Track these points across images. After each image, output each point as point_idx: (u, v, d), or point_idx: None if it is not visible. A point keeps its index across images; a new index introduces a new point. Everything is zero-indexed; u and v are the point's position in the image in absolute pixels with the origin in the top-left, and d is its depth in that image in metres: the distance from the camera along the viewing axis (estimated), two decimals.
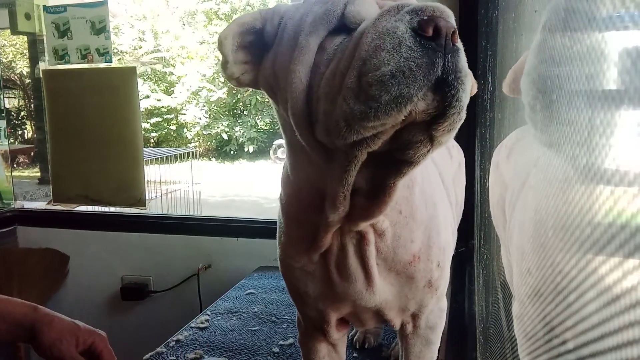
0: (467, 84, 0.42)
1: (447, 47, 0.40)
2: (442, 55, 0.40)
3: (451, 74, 0.41)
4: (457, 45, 0.41)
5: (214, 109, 10.76)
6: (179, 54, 10.84)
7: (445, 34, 0.40)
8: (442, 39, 0.40)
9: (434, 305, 0.66)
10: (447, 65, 0.41)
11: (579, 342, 0.34)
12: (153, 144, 10.53)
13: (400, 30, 0.40)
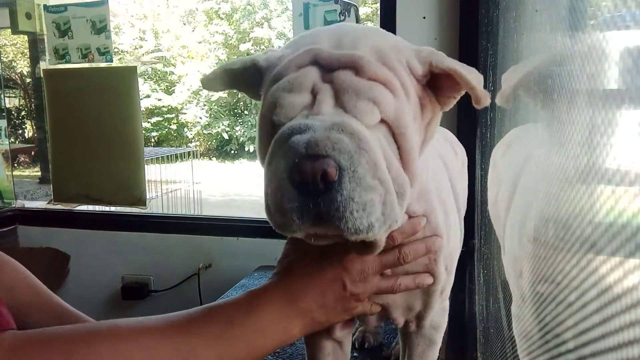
0: (357, 212, 0.41)
1: (317, 191, 0.41)
2: (313, 199, 0.41)
3: (328, 213, 0.41)
4: (332, 184, 0.40)
5: (215, 109, 10.76)
6: (180, 53, 10.85)
7: (310, 178, 0.40)
8: (308, 184, 0.40)
9: (437, 306, 0.66)
10: (324, 206, 0.41)
11: (579, 342, 0.34)
12: (154, 144, 10.53)
13: (282, 169, 0.42)
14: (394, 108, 0.45)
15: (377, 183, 0.42)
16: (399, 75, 0.46)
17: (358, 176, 0.41)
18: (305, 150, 0.41)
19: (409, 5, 1.44)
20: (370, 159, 0.42)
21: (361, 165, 0.42)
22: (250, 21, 10.83)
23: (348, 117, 0.43)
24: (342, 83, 0.44)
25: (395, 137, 0.46)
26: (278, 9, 10.75)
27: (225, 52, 10.94)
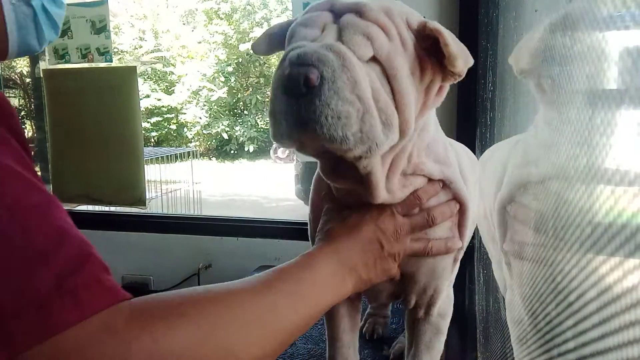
0: (332, 119, 0.46)
1: (299, 94, 0.46)
2: (296, 102, 0.46)
3: (308, 116, 0.46)
4: (313, 89, 0.46)
5: (214, 109, 10.76)
6: (179, 53, 10.85)
7: (295, 81, 0.46)
8: (294, 88, 0.46)
9: (445, 292, 0.68)
10: (304, 109, 0.46)
11: (579, 341, 0.34)
12: (153, 144, 10.53)
13: (276, 80, 0.48)
14: (387, 49, 0.50)
15: (355, 99, 0.47)
16: (397, 26, 0.51)
17: (337, 87, 0.46)
18: (295, 60, 0.46)
19: (408, 5, 1.44)
20: (351, 76, 0.47)
21: (341, 79, 0.46)
22: (250, 21, 10.83)
23: (341, 45, 0.49)
24: (345, 22, 0.50)
25: (389, 78, 0.50)
26: (278, 9, 10.75)
27: (225, 52, 10.94)
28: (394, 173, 0.57)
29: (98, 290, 0.41)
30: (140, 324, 0.40)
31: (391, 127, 0.50)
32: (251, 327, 0.46)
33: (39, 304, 0.37)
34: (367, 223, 0.60)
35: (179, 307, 0.44)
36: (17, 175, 0.41)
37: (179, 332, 0.41)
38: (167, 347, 0.40)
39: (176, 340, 0.41)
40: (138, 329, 0.40)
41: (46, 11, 0.65)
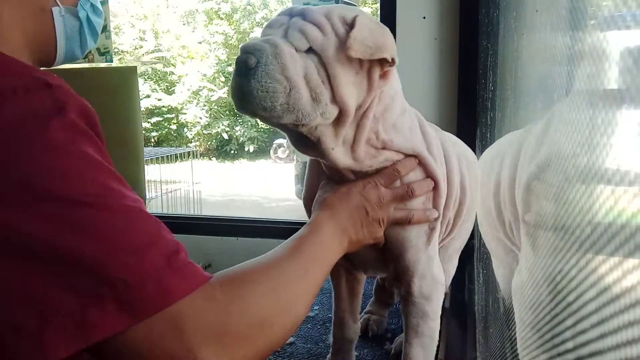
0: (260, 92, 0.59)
1: (240, 73, 0.60)
2: (239, 80, 0.60)
3: (247, 89, 0.60)
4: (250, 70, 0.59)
5: (215, 109, 10.77)
6: (180, 53, 10.85)
7: (240, 64, 0.60)
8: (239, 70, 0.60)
9: (424, 269, 0.75)
10: (244, 85, 0.60)
11: (578, 341, 0.34)
12: (153, 144, 10.54)
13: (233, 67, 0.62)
14: (320, 42, 0.62)
15: (284, 79, 0.60)
16: (333, 24, 0.63)
17: (268, 69, 0.59)
18: (242, 49, 0.60)
19: (409, 5, 1.44)
20: (281, 62, 0.60)
21: (272, 63, 0.59)
22: (250, 21, 10.83)
23: (281, 40, 0.62)
24: (291, 22, 0.64)
25: (324, 65, 0.62)
26: (278, 9, 10.75)
27: (225, 52, 10.94)
28: (357, 144, 0.68)
29: (194, 269, 0.50)
30: (230, 292, 0.52)
31: (320, 102, 0.62)
32: (297, 286, 0.59)
33: (156, 278, 0.45)
34: (353, 193, 0.71)
35: (251, 275, 0.56)
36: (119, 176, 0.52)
37: (257, 294, 0.53)
38: (253, 307, 0.52)
39: (257, 300, 0.53)
40: (230, 296, 0.51)
41: (89, 21, 0.70)
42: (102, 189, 0.48)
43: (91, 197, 0.46)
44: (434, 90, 1.45)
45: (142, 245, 0.47)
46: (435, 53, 1.44)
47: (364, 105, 0.66)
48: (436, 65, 1.44)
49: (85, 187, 0.46)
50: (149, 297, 0.45)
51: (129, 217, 0.48)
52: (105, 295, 0.43)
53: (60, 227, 0.43)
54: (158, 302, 0.45)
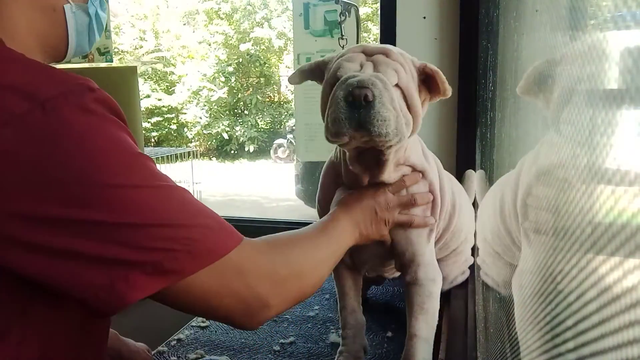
0: (381, 121, 0.71)
1: (360, 106, 0.70)
2: (357, 111, 0.71)
3: (365, 120, 0.71)
4: (369, 102, 0.70)
5: (215, 109, 10.77)
6: (180, 53, 10.85)
7: (358, 98, 0.70)
8: (356, 102, 0.70)
9: (428, 259, 0.89)
10: (362, 116, 0.71)
11: (578, 342, 0.34)
12: (154, 144, 10.54)
13: (340, 96, 0.72)
14: (405, 79, 0.76)
15: (392, 109, 0.72)
16: (408, 64, 0.78)
17: (383, 101, 0.71)
18: (356, 84, 0.71)
19: (409, 5, 1.44)
20: (389, 95, 0.72)
21: (385, 96, 0.71)
22: (250, 21, 10.83)
23: (381, 74, 0.74)
24: (378, 59, 0.76)
25: (406, 98, 0.76)
26: (278, 9, 10.75)
27: (226, 52, 10.94)
28: (393, 162, 0.82)
29: (233, 228, 0.63)
30: (274, 248, 0.68)
31: (410, 126, 0.76)
32: (322, 255, 0.75)
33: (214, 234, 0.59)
34: (366, 196, 0.85)
35: (289, 239, 0.73)
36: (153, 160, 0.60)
37: (294, 253, 0.70)
38: (292, 261, 0.68)
39: (295, 257, 0.69)
40: (275, 250, 0.67)
41: (97, 17, 0.74)
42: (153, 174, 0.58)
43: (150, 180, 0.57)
44: None
45: (197, 212, 0.59)
46: (435, 53, 1.44)
47: None
48: (436, 65, 1.44)
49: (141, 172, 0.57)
50: (211, 248, 0.58)
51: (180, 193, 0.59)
52: (179, 249, 0.55)
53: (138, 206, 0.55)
54: (218, 251, 0.58)
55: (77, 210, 0.52)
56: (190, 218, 0.57)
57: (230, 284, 0.60)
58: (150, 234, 0.54)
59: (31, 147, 0.51)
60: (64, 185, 0.51)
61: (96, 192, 0.52)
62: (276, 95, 11.30)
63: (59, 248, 0.52)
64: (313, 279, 0.72)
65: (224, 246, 0.59)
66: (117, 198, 0.53)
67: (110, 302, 0.54)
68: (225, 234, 0.60)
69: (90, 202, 0.52)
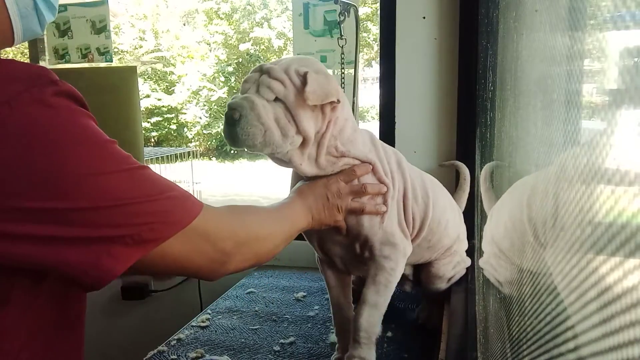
0: (245, 136, 0.82)
1: (233, 123, 0.83)
2: (232, 128, 0.83)
3: (235, 134, 0.83)
4: (236, 121, 0.82)
5: (215, 109, 10.76)
6: (180, 53, 10.84)
7: (229, 118, 0.83)
8: (228, 121, 0.84)
9: (384, 238, 0.95)
10: (233, 132, 0.83)
11: (579, 342, 0.34)
12: (153, 144, 10.53)
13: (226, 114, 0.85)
14: (283, 93, 0.84)
15: (259, 124, 0.82)
16: (290, 77, 0.85)
17: (247, 119, 0.82)
18: (229, 106, 0.84)
19: (409, 5, 1.44)
20: (255, 113, 0.82)
21: (249, 115, 0.82)
22: (250, 21, 10.83)
23: (255, 95, 0.84)
24: (261, 80, 0.86)
25: (289, 109, 0.84)
26: (278, 9, 10.75)
27: (225, 52, 10.94)
28: (319, 157, 0.90)
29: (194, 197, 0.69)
30: (235, 213, 0.78)
31: (288, 136, 0.84)
32: (276, 227, 0.83)
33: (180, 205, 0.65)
34: (319, 184, 0.93)
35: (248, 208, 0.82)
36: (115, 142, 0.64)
37: (253, 219, 0.80)
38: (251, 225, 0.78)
39: (253, 222, 0.79)
40: (235, 215, 0.77)
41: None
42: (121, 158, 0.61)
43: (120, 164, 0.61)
44: (433, 90, 1.45)
45: (165, 187, 0.64)
46: (435, 53, 1.44)
47: (320, 131, 0.88)
48: (436, 65, 1.44)
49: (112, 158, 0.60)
50: (182, 215, 0.64)
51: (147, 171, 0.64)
52: (155, 221, 0.61)
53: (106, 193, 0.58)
54: (187, 218, 0.65)
55: (57, 202, 0.55)
56: (160, 192, 0.63)
57: (198, 246, 0.67)
58: (128, 211, 0.59)
59: (4, 147, 0.53)
60: (42, 181, 0.55)
61: (73, 183, 0.56)
62: None
63: (44, 236, 0.56)
64: (267, 245, 0.80)
65: (191, 213, 0.66)
66: (94, 186, 0.57)
67: (99, 277, 0.59)
68: (190, 202, 0.67)
69: (69, 193, 0.56)
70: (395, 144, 1.48)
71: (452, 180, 1.44)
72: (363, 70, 9.91)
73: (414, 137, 1.47)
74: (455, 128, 1.42)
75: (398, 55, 1.46)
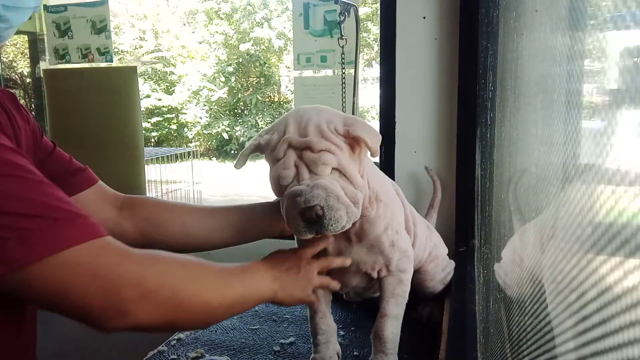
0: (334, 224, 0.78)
1: (313, 221, 0.78)
2: (313, 225, 0.79)
3: (322, 227, 0.79)
4: (321, 217, 0.78)
5: (215, 109, 10.76)
6: (180, 53, 10.84)
7: (311, 218, 0.78)
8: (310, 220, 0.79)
9: (401, 255, 0.96)
10: (318, 227, 0.79)
11: (579, 341, 0.34)
12: (154, 144, 10.53)
13: (294, 214, 0.80)
14: (336, 161, 0.81)
15: (341, 205, 0.79)
16: (332, 140, 0.82)
17: (330, 207, 0.78)
18: (304, 205, 0.78)
19: (409, 5, 1.44)
20: (335, 195, 0.79)
21: (331, 201, 0.78)
22: (250, 21, 10.83)
23: (317, 177, 0.80)
24: (307, 158, 0.81)
25: (344, 173, 0.81)
26: (278, 9, 10.75)
27: (226, 52, 10.94)
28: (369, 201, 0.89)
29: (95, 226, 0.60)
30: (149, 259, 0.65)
31: (358, 203, 0.82)
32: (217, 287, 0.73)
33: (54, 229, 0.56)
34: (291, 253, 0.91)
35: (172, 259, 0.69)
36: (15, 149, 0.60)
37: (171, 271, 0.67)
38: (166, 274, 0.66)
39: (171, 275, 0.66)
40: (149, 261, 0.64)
41: None
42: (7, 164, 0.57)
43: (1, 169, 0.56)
44: (433, 90, 1.45)
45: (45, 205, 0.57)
46: (435, 53, 1.44)
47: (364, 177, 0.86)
48: (436, 65, 1.44)
49: None
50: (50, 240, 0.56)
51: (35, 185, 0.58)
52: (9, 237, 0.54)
53: None
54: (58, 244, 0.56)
55: None
56: (33, 209, 0.56)
57: (79, 282, 0.57)
58: None
59: None
60: None
61: None
62: (276, 95, 11.30)
63: None
64: (197, 305, 0.68)
65: (67, 240, 0.56)
66: None
67: None
68: (76, 228, 0.58)
69: None
70: (395, 144, 1.48)
71: (452, 181, 1.44)
72: (363, 70, 9.91)
73: (414, 137, 1.47)
74: (455, 128, 1.42)
75: (398, 56, 1.46)
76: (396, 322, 0.95)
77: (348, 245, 0.94)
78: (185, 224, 1.01)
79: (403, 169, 1.49)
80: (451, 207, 1.43)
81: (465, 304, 1.04)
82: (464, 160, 1.39)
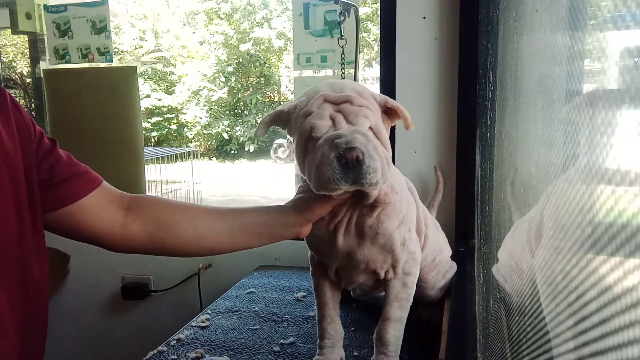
0: (372, 174, 0.75)
1: (352, 165, 0.74)
2: (350, 171, 0.75)
3: (359, 176, 0.75)
4: (360, 161, 0.74)
5: (215, 109, 10.76)
6: (180, 53, 10.85)
7: (351, 159, 0.74)
8: (349, 163, 0.74)
9: (408, 257, 0.96)
10: (356, 173, 0.75)
11: (579, 342, 0.34)
12: (154, 144, 10.53)
13: (332, 157, 0.76)
14: (374, 120, 0.81)
15: (378, 157, 0.76)
16: (371, 103, 0.83)
17: (370, 155, 0.75)
18: (345, 146, 0.75)
19: (409, 5, 1.44)
20: (373, 145, 0.76)
21: (370, 149, 0.75)
22: (250, 21, 10.83)
23: (356, 127, 0.78)
24: (345, 110, 0.80)
25: (377, 135, 0.81)
26: (278, 9, 10.75)
27: (226, 52, 10.94)
28: None
29: None
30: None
31: (390, 164, 0.80)
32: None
33: None
34: None
35: None
36: None
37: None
38: None
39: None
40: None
41: None
42: None
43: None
44: (433, 90, 1.45)
45: None
46: (435, 53, 1.44)
47: None
48: (436, 65, 1.44)
49: None
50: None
51: None
52: None
53: None
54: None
55: None
56: None
57: None
58: None
59: None
60: None
61: None
62: (276, 95, 11.30)
63: None
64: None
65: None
66: None
67: None
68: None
69: None
70: (395, 143, 1.48)
71: (452, 182, 1.44)
72: (363, 70, 9.91)
73: (414, 137, 1.47)
74: (455, 128, 1.42)
75: (398, 56, 1.46)
76: (399, 325, 0.95)
77: (361, 241, 0.92)
78: (198, 227, 0.97)
79: (403, 169, 1.49)
80: (451, 207, 1.43)
81: (465, 304, 1.04)
82: (464, 160, 1.39)
